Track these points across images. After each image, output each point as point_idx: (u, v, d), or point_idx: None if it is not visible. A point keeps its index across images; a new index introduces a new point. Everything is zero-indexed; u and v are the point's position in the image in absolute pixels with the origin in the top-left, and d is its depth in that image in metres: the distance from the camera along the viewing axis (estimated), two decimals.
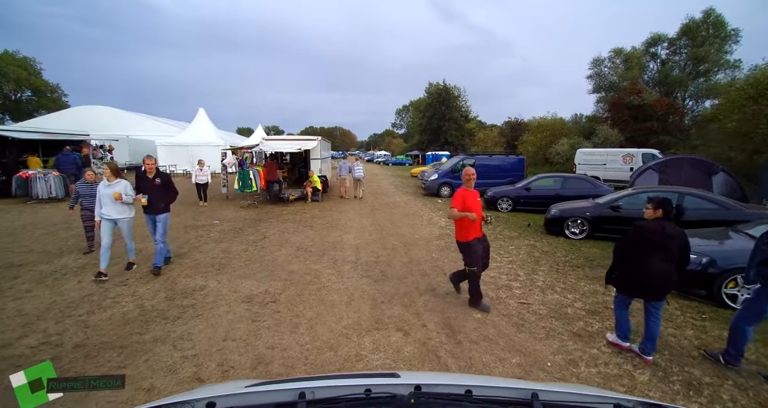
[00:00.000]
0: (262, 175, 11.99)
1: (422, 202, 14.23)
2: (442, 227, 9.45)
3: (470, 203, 4.42)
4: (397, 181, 23.77)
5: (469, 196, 4.49)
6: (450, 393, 1.14)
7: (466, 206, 4.37)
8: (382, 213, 11.41)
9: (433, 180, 15.69)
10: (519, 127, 39.88)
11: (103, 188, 5.09)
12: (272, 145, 12.48)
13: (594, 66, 31.44)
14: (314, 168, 13.48)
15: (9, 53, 51.66)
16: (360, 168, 14.88)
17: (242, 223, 9.37)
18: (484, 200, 12.72)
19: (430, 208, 12.72)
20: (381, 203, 13.57)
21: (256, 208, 11.55)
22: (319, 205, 12.46)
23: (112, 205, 5.05)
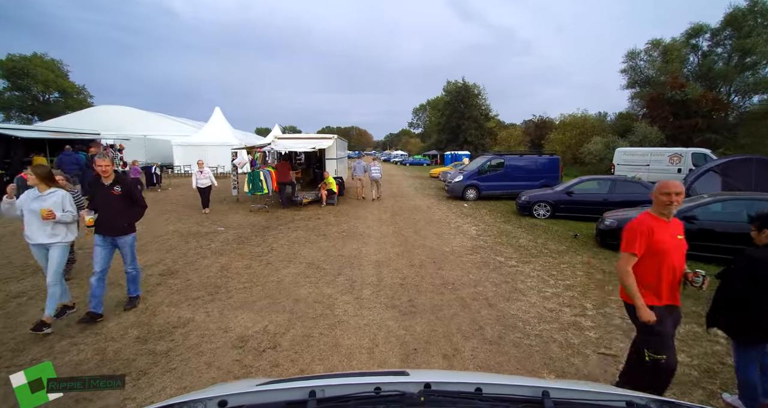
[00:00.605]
0: (273, 176, 11.06)
1: (446, 206, 13.00)
2: (473, 238, 8.23)
3: (664, 246, 2.41)
4: (416, 183, 22.57)
5: (661, 232, 2.43)
6: (460, 391, 1.13)
7: (658, 250, 2.41)
8: (404, 219, 10.26)
9: (458, 182, 14.42)
10: (544, 126, 37.93)
11: (28, 201, 3.65)
12: (285, 144, 11.54)
13: (629, 59, 29.29)
14: (329, 169, 12.47)
15: (38, 55, 53.47)
16: (377, 168, 14.04)
17: (249, 230, 8.42)
18: (518, 206, 11.40)
19: (456, 213, 11.48)
20: (401, 207, 12.43)
21: (266, 213, 10.61)
22: (334, 210, 11.43)
23: (39, 225, 3.62)
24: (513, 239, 8.18)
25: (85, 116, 31.81)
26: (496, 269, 6.01)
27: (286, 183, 11.22)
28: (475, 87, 54.08)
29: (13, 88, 50.85)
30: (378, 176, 14.10)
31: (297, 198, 11.22)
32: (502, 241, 7.94)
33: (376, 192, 14.35)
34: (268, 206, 11.33)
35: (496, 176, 14.36)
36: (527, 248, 7.44)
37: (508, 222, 10.26)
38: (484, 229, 9.13)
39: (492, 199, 14.48)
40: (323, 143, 11.61)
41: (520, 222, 10.23)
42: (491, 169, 14.45)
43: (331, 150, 12.27)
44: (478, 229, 9.20)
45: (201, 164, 10.29)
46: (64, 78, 54.74)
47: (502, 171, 14.35)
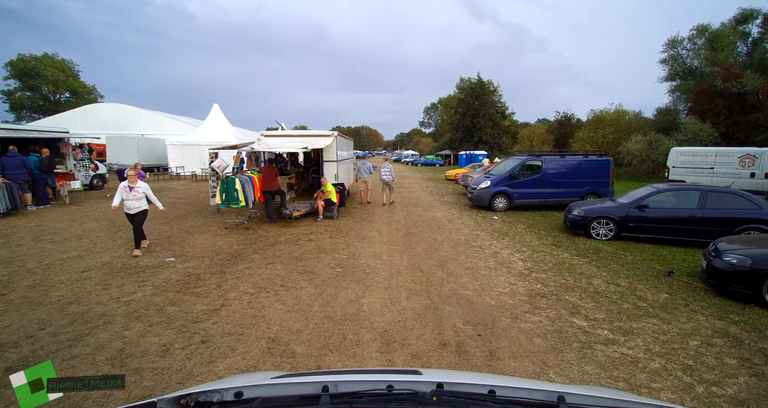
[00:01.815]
0: (257, 183, 8.76)
1: (472, 219, 10.51)
2: (523, 275, 5.75)
3: None
4: (431, 186, 20.06)
5: None
6: (473, 392, 1.12)
7: None
8: (422, 240, 7.83)
9: (484, 189, 11.89)
10: (568, 123, 34.93)
11: None
12: (271, 142, 9.24)
13: (669, 48, 26.15)
14: (328, 173, 10.12)
15: (48, 55, 53.17)
16: (388, 170, 12.51)
17: (209, 262, 6.11)
18: (567, 222, 8.84)
19: (487, 231, 8.99)
20: (417, 220, 10.00)
21: (245, 231, 8.32)
22: (332, 226, 9.06)
23: None
24: (581, 278, 5.67)
25: (79, 114, 30.28)
26: (585, 350, 3.55)
27: (272, 192, 8.91)
28: (490, 83, 51.21)
29: (24, 89, 50.62)
30: (390, 179, 12.50)
31: (286, 211, 8.88)
32: (567, 283, 5.44)
33: (388, 197, 12.72)
34: (248, 222, 9.03)
35: (532, 182, 11.79)
36: (611, 298, 4.93)
37: (559, 245, 7.72)
38: (534, 259, 6.63)
39: (526, 210, 11.91)
40: (320, 142, 9.26)
41: (576, 245, 7.69)
42: (525, 173, 11.88)
43: (330, 150, 9.92)
44: (523, 258, 6.70)
45: (132, 177, 6.33)
46: (75, 78, 54.35)
47: (538, 175, 11.77)
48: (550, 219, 10.76)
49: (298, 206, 9.59)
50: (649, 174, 20.52)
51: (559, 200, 11.89)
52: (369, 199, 13.07)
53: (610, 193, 12.03)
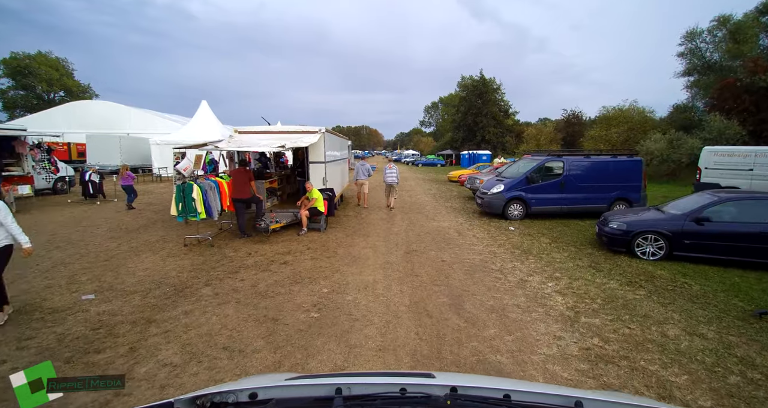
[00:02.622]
0: (225, 190, 7.19)
1: (485, 230, 8.92)
2: (569, 319, 4.18)
3: None
4: (434, 189, 18.47)
5: None
6: (487, 396, 1.10)
7: None
8: (427, 262, 6.25)
9: (497, 194, 10.30)
10: (577, 122, 33.34)
11: None
12: (245, 140, 7.67)
13: (687, 40, 24.52)
14: (315, 177, 8.54)
15: (42, 54, 52.03)
16: (393, 172, 11.71)
17: (139, 301, 4.52)
18: (603, 237, 7.26)
19: (505, 247, 7.41)
20: (420, 232, 8.42)
21: (209, 249, 6.74)
22: (318, 241, 7.49)
23: None
24: (649, 325, 4.11)
25: (61, 112, 28.70)
26: None
27: (244, 200, 7.33)
28: (492, 81, 49.58)
29: (18, 87, 49.42)
30: (394, 181, 11.78)
31: (261, 223, 7.29)
32: (634, 335, 3.87)
33: (391, 199, 11.91)
34: (215, 237, 7.46)
35: (552, 186, 10.20)
36: (705, 363, 3.39)
37: (599, 268, 6.14)
38: (575, 292, 5.05)
39: (544, 218, 10.33)
40: (303, 139, 7.68)
41: (620, 268, 6.12)
42: (544, 176, 10.29)
43: (317, 149, 8.34)
44: (561, 289, 5.12)
45: None
46: (69, 76, 53.17)
47: (559, 179, 10.18)
48: (576, 230, 9.18)
49: (278, 216, 8.00)
50: (669, 175, 18.93)
51: (583, 207, 10.32)
52: (366, 203, 12.07)
53: (641, 199, 10.45)
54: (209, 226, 8.34)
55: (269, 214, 7.91)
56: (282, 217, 8.09)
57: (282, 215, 8.16)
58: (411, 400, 1.05)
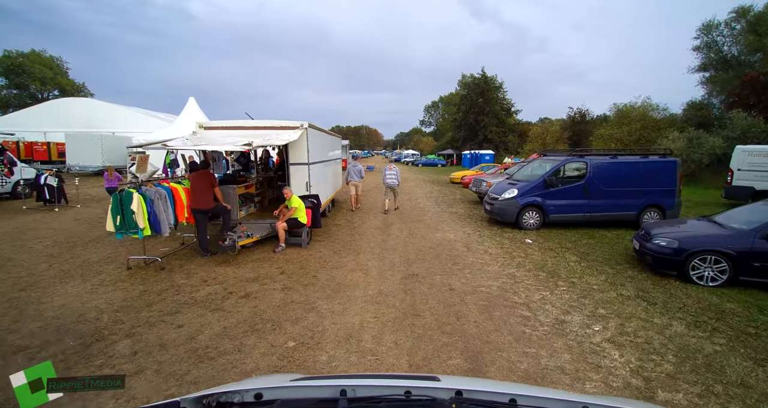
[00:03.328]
0: (182, 198, 5.84)
1: (497, 243, 7.56)
2: (637, 389, 2.84)
3: None
4: (435, 192, 17.11)
5: None
6: (493, 401, 1.10)
7: None
8: (431, 292, 4.90)
9: (510, 200, 8.95)
10: (583, 120, 32.00)
11: None
12: (210, 137, 6.32)
13: (704, 33, 23.16)
14: (296, 181, 7.18)
15: (35, 52, 51.06)
16: (393, 173, 10.89)
17: (21, 361, 3.17)
18: (647, 255, 5.89)
19: (526, 267, 6.05)
20: (422, 247, 7.07)
21: (158, 273, 5.39)
22: (297, 259, 6.14)
23: None
24: (754, 401, 2.75)
25: (40, 111, 27.30)
26: None
27: (205, 211, 5.97)
28: (494, 79, 48.18)
29: (11, 86, 48.30)
30: (394, 183, 10.95)
31: (226, 240, 5.91)
32: None
33: (391, 202, 11.18)
34: (171, 256, 6.10)
35: (573, 191, 8.85)
36: None
37: (651, 299, 4.79)
38: (633, 341, 3.70)
39: (563, 227, 9.00)
40: (281, 136, 6.33)
41: (678, 299, 4.78)
42: (564, 179, 8.94)
43: (298, 149, 6.98)
44: (614, 337, 3.77)
45: None
46: (63, 75, 52.01)
47: (582, 182, 8.83)
48: (604, 243, 7.83)
49: (251, 229, 6.64)
50: (689, 176, 17.57)
51: (609, 215, 8.98)
52: (358, 204, 11.58)
53: (675, 206, 9.11)
54: (170, 240, 6.99)
55: (240, 226, 6.54)
56: (256, 229, 6.73)
57: (256, 227, 6.80)
58: (416, 403, 1.05)
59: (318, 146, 8.08)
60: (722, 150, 17.24)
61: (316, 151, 7.87)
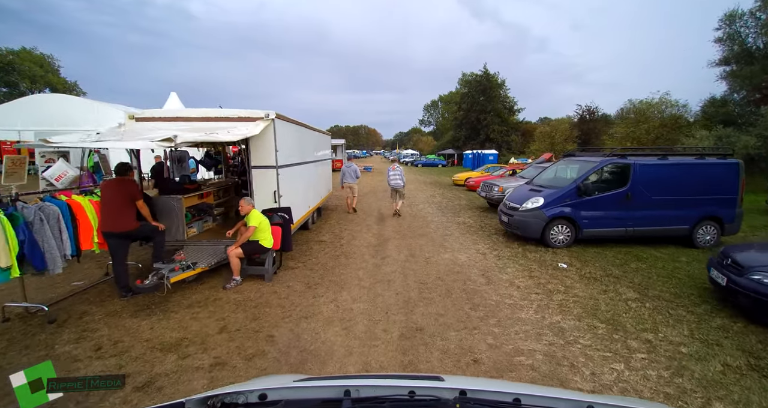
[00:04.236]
0: (88, 218, 4.10)
1: (524, 269, 5.82)
2: None
3: None
4: (438, 195, 15.37)
5: None
6: (497, 400, 1.09)
7: None
8: (446, 364, 3.17)
9: (535, 210, 7.22)
10: (593, 118, 30.31)
11: None
12: (137, 130, 4.60)
13: (726, 24, 21.48)
14: (260, 190, 5.43)
15: (26, 50, 49.51)
16: (397, 173, 10.19)
17: None
18: (745, 297, 4.16)
19: (572, 311, 4.32)
20: (427, 277, 5.34)
21: (37, 334, 3.65)
22: (252, 304, 4.41)
23: None
24: None
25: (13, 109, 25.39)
26: None
27: (123, 234, 4.23)
28: (496, 77, 46.40)
29: (0, 84, 46.64)
30: (400, 185, 10.14)
31: (149, 277, 4.17)
32: None
33: (396, 204, 10.33)
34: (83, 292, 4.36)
35: (613, 199, 7.14)
36: None
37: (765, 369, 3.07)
38: None
39: (599, 243, 7.30)
40: (237, 130, 4.60)
41: None
42: (601, 185, 7.23)
43: (262, 147, 5.23)
44: None
45: None
46: (55, 73, 50.31)
47: (624, 189, 7.12)
48: (653, 264, 6.16)
49: (196, 256, 4.90)
50: None
51: (656, 229, 7.29)
52: (354, 205, 10.85)
53: (736, 219, 7.42)
54: (95, 267, 5.25)
55: (177, 254, 4.80)
56: (204, 255, 4.99)
57: (206, 252, 5.06)
58: (420, 403, 1.05)
59: (292, 144, 6.33)
60: (755, 149, 15.55)
61: (290, 151, 6.12)
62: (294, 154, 6.34)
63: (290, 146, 6.11)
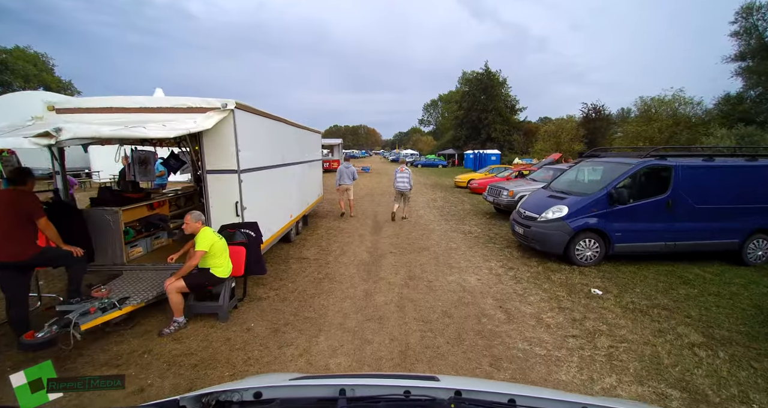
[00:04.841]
0: None
1: (549, 296, 4.67)
2: None
3: None
4: (439, 199, 14.22)
5: None
6: (492, 401, 1.10)
7: None
8: None
9: (557, 221, 6.06)
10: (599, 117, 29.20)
11: None
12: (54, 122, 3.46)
13: (743, 17, 20.37)
14: (217, 201, 4.26)
15: (19, 48, 48.46)
16: (404, 176, 9.51)
17: None
18: None
19: (626, 370, 3.17)
20: (430, 311, 4.20)
21: None
22: (195, 356, 3.27)
23: None
24: None
25: None
26: None
27: (18, 265, 3.08)
28: (497, 75, 45.23)
29: None
30: (406, 188, 9.53)
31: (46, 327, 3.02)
32: None
33: (401, 209, 9.79)
34: None
35: (651, 208, 6.00)
36: None
37: None
38: None
39: (630, 260, 6.16)
40: (181, 124, 3.47)
41: None
42: (636, 192, 6.08)
43: (219, 145, 4.09)
44: None
45: None
46: (49, 72, 49.16)
47: (665, 195, 5.98)
48: (705, 288, 5.03)
49: (130, 289, 3.75)
50: None
51: (701, 244, 6.15)
52: (352, 212, 10.21)
53: None
54: None
55: (96, 289, 3.64)
56: (140, 287, 3.83)
57: (141, 284, 3.91)
58: (415, 403, 1.05)
59: (263, 142, 5.17)
60: None
61: (259, 151, 4.96)
62: (265, 154, 5.18)
63: (259, 145, 4.95)
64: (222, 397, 1.09)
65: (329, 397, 1.08)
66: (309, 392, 1.14)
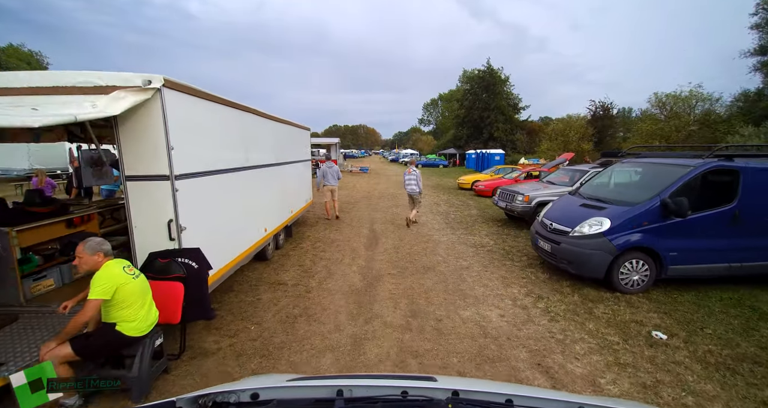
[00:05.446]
0: None
1: (599, 343, 3.44)
2: None
3: None
4: (443, 202, 12.99)
5: None
6: (489, 401, 1.08)
7: None
8: None
9: (596, 237, 4.84)
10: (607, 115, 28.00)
11: None
12: None
13: (764, 8, 19.17)
14: (143, 217, 3.04)
15: (13, 46, 47.67)
16: (413, 178, 8.68)
17: None
18: None
19: None
20: (441, 370, 3.00)
21: None
22: None
23: None
24: None
25: None
26: None
27: None
28: (499, 72, 43.97)
29: None
30: (416, 190, 8.76)
31: None
32: None
33: (413, 213, 8.96)
34: None
35: (713, 221, 4.80)
36: None
37: None
38: None
39: (688, 285, 4.95)
40: (81, 109, 2.28)
41: None
42: (694, 200, 4.86)
43: (144, 138, 2.90)
44: None
45: None
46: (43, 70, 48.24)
47: (731, 206, 4.78)
48: None
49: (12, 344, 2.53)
50: None
51: None
52: (337, 212, 9.72)
53: None
54: None
55: None
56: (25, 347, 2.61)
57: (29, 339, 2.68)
58: (412, 403, 1.04)
59: (215, 137, 3.92)
60: None
61: (210, 148, 3.73)
62: (220, 153, 3.95)
63: (209, 140, 3.72)
64: (219, 398, 1.08)
65: (326, 397, 1.08)
66: (306, 393, 1.13)
